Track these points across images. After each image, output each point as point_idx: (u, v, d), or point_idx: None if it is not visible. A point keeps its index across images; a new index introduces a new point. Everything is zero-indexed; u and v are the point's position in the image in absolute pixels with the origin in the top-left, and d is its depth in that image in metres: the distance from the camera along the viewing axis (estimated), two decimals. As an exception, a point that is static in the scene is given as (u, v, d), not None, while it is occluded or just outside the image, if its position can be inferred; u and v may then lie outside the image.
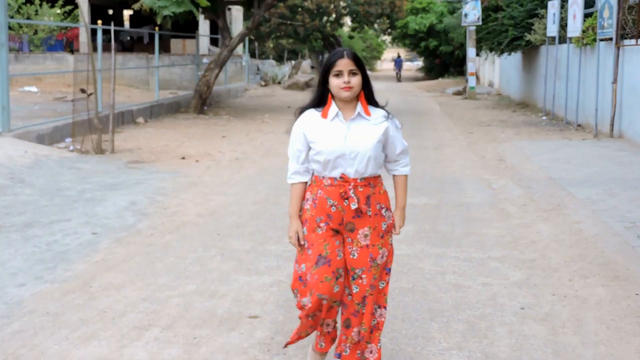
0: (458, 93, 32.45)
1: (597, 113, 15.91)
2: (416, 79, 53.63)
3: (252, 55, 43.55)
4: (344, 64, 3.74)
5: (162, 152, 13.14)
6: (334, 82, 3.77)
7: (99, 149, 12.64)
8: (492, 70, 36.52)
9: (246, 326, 4.92)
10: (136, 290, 5.69)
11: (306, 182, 3.93)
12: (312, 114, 3.89)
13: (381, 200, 3.88)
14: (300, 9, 43.99)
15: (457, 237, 7.41)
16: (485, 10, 27.73)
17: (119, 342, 4.67)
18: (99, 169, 11.11)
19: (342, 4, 48.70)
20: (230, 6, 31.93)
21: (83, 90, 18.32)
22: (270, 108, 23.75)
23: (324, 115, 3.83)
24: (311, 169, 3.89)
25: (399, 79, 50.67)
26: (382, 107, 3.94)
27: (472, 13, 28.85)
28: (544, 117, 20.39)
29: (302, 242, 3.87)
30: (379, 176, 3.89)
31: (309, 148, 3.85)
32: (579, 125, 17.54)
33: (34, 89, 22.39)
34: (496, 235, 7.49)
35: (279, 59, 48.70)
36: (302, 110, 3.97)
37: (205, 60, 26.38)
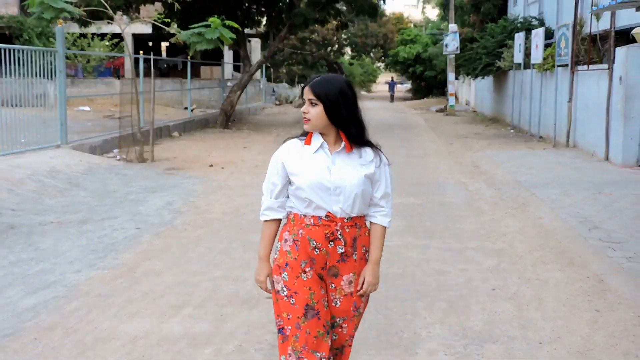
0: (440, 110, 32.42)
1: (555, 127, 15.92)
2: (405, 99, 53.49)
3: (269, 79, 43.64)
4: (306, 92, 2.84)
5: (193, 160, 13.17)
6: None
7: (141, 158, 12.68)
8: (469, 91, 36.52)
9: (264, 305, 4.93)
10: (173, 275, 5.72)
11: (280, 220, 3.03)
12: (294, 143, 2.94)
13: (366, 243, 2.97)
14: (308, 41, 44.12)
15: (439, 230, 7.42)
16: (462, 41, 27.89)
17: (159, 318, 4.70)
18: (141, 175, 11.14)
19: (343, 36, 48.84)
20: (250, 38, 31.98)
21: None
22: (284, 123, 23.78)
23: (307, 142, 2.90)
24: (286, 204, 2.97)
25: (392, 99, 50.48)
26: (371, 143, 2.97)
27: (451, 44, 28.95)
28: (512, 130, 20.37)
29: (274, 288, 2.96)
30: (365, 216, 2.98)
31: (287, 181, 2.93)
32: (540, 137, 17.53)
33: (87, 108, 22.49)
34: (472, 229, 7.50)
35: (291, 83, 48.75)
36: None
37: (229, 83, 26.44)
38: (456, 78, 31.85)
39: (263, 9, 23.53)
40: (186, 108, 22.63)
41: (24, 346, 4.22)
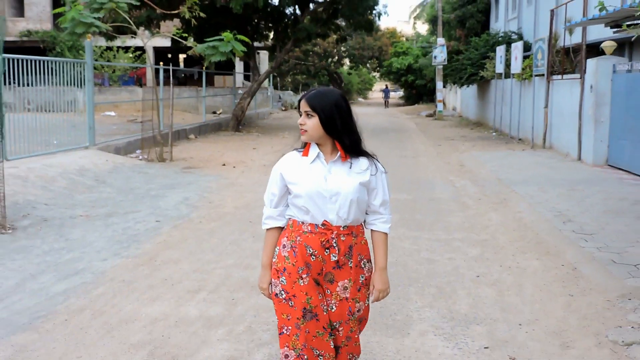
0: (430, 115, 32.35)
1: (533, 130, 15.90)
2: (398, 105, 53.35)
3: (275, 87, 43.60)
4: (302, 104, 2.69)
5: (208, 160, 13.16)
6: None
7: (161, 158, 12.68)
8: (455, 98, 36.43)
9: (271, 290, 4.93)
10: (189, 263, 5.72)
11: (281, 227, 2.81)
12: (293, 155, 2.79)
13: (362, 251, 2.76)
14: (311, 53, 44.07)
15: (429, 223, 7.41)
16: (450, 53, 27.82)
17: (177, 302, 4.70)
18: (161, 173, 11.14)
19: (342, 49, 48.78)
20: (259, 51, 31.96)
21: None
22: (289, 127, 23.75)
23: (305, 154, 2.74)
24: (285, 212, 2.79)
25: (386, 105, 50.33)
26: (366, 153, 2.78)
27: (440, 55, 28.88)
28: (494, 133, 20.34)
29: (272, 291, 2.77)
30: (362, 224, 2.79)
31: (285, 191, 2.77)
32: (519, 139, 17.50)
33: (112, 113, 22.50)
34: (458, 222, 7.49)
35: (295, 90, 48.67)
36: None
37: (240, 91, 26.41)
38: (444, 86, 31.83)
39: (270, 25, 23.54)
40: (214, 112, 23.28)
41: (55, 327, 4.23)
